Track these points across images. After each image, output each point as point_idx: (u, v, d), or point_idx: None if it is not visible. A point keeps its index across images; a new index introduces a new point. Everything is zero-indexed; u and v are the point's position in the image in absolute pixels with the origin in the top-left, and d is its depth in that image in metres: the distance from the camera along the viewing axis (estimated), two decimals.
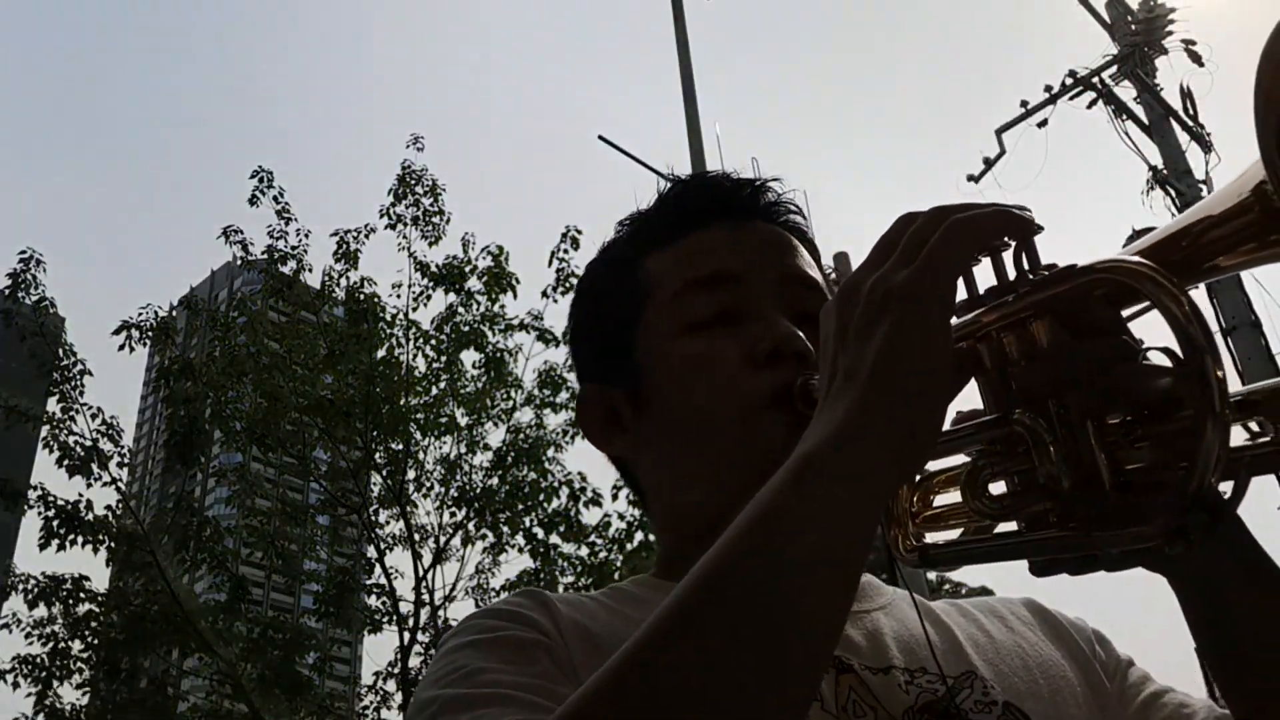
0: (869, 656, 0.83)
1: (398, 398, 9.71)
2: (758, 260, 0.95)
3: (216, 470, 10.70)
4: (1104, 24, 11.51)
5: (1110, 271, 0.59)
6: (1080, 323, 0.63)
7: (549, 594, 0.87)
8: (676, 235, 0.98)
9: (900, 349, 0.60)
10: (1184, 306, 0.55)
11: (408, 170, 10.42)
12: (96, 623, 9.24)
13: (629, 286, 0.99)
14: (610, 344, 0.99)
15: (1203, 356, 0.54)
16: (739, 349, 0.89)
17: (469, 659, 0.76)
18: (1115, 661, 0.93)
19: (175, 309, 10.54)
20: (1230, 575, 0.72)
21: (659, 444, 0.96)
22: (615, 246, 1.05)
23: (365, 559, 10.11)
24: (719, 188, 1.01)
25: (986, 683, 0.83)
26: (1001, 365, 0.64)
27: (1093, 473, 0.59)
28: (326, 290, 10.14)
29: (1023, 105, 11.80)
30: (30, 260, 9.50)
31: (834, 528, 0.58)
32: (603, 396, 1.00)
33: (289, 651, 9.34)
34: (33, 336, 9.26)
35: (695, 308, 0.93)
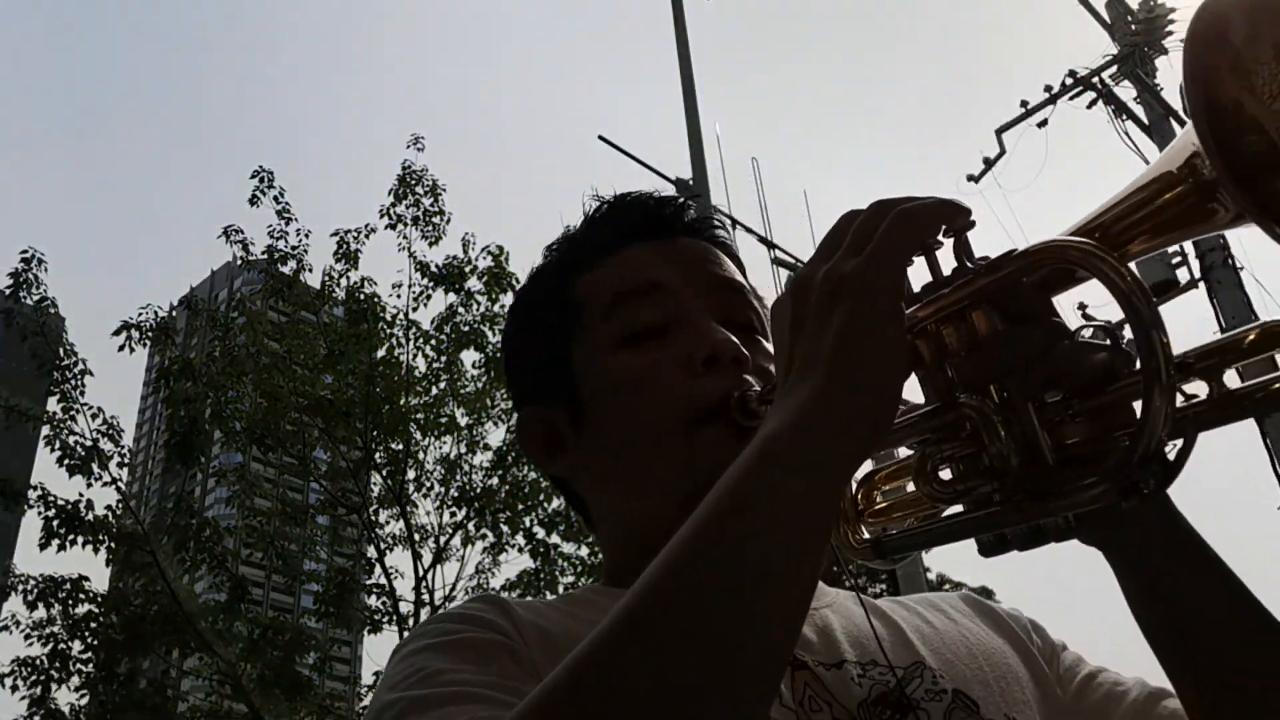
0: (821, 652, 0.84)
1: (398, 398, 9.71)
2: (685, 270, 0.97)
3: (216, 470, 10.70)
4: (1104, 24, 11.52)
5: (1053, 252, 0.61)
6: (1013, 310, 0.66)
7: (506, 598, 0.88)
8: (604, 254, 1.00)
9: (856, 336, 0.61)
10: (1127, 280, 0.57)
11: (408, 170, 10.43)
12: (96, 623, 9.24)
13: (560, 307, 1.00)
14: (546, 365, 1.00)
15: (1149, 326, 0.56)
16: (675, 358, 0.91)
17: (429, 661, 0.76)
18: (1051, 647, 0.96)
19: (175, 309, 10.54)
20: (1161, 549, 0.76)
21: (601, 460, 0.96)
22: (545, 270, 1.07)
23: (365, 559, 10.11)
24: (643, 207, 1.03)
25: (935, 672, 0.85)
26: (940, 357, 0.66)
27: (1038, 449, 0.62)
28: (326, 290, 10.14)
29: (1023, 105, 11.82)
30: (32, 260, 9.51)
31: (796, 516, 0.59)
32: (542, 417, 1.01)
33: (289, 651, 9.34)
34: (33, 336, 9.26)
35: (627, 321, 0.94)
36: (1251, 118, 0.61)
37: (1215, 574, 0.76)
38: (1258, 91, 0.61)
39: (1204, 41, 0.60)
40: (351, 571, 10.05)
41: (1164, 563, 0.76)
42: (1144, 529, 0.75)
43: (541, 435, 1.01)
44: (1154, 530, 0.76)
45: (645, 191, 1.05)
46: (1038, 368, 0.63)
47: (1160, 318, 0.56)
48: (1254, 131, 0.61)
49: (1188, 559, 0.76)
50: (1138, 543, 0.76)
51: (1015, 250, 0.63)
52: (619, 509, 0.97)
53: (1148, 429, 0.56)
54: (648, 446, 0.91)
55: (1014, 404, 0.63)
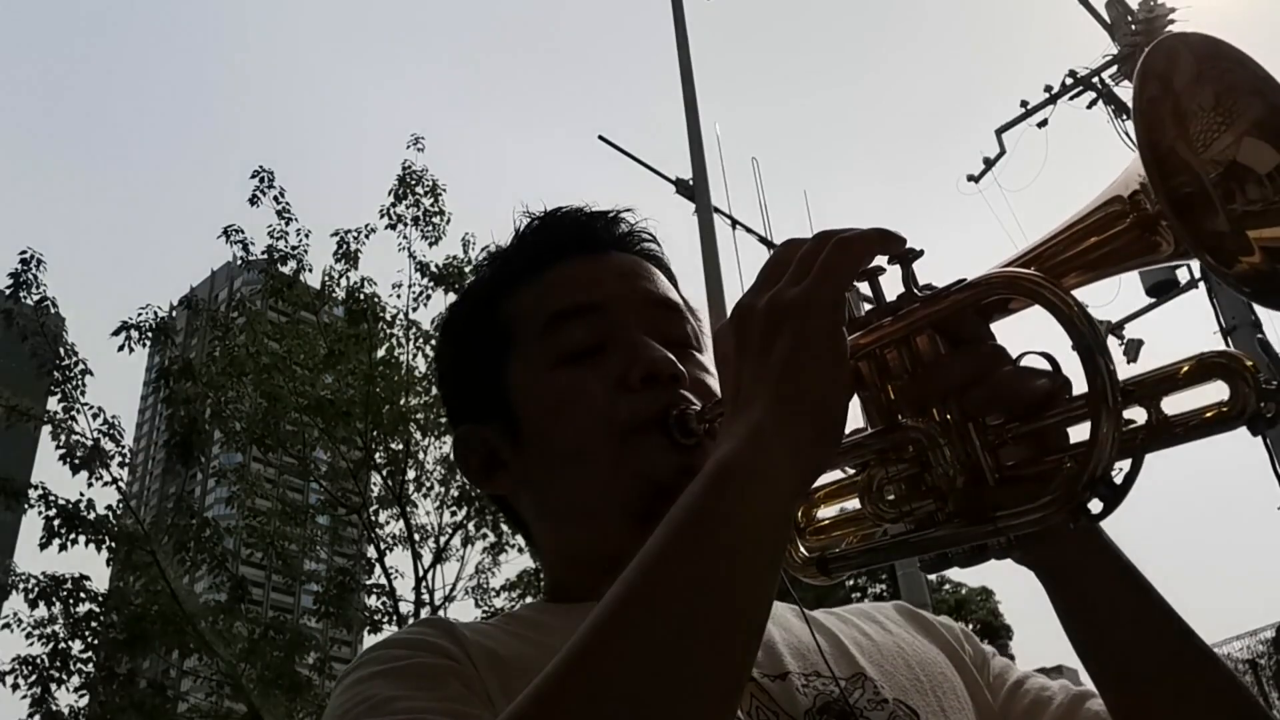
0: (765, 665, 0.86)
1: (398, 398, 9.72)
2: (619, 288, 0.98)
3: (216, 470, 10.70)
4: (1104, 24, 11.52)
5: (999, 281, 0.64)
6: (954, 335, 0.69)
7: (453, 621, 0.89)
8: (536, 270, 1.00)
9: (801, 357, 0.63)
10: (1073, 308, 0.60)
11: (408, 170, 10.43)
12: (97, 622, 9.23)
13: (495, 325, 1.00)
14: (481, 383, 1.00)
15: (1094, 353, 0.59)
16: (610, 376, 0.91)
17: (378, 689, 0.75)
18: (981, 655, 0.99)
19: (175, 309, 10.53)
20: (1092, 571, 0.79)
21: (540, 478, 0.97)
22: (478, 287, 1.07)
23: (365, 559, 10.11)
24: (574, 222, 1.03)
25: (875, 683, 0.87)
26: (883, 380, 0.69)
27: (979, 470, 0.64)
28: (326, 290, 10.14)
29: (1023, 105, 11.83)
30: (31, 260, 9.50)
31: (755, 535, 0.61)
32: (480, 436, 1.01)
33: (289, 651, 9.33)
34: (34, 336, 9.26)
35: (562, 340, 0.94)
36: (1183, 161, 0.64)
37: (1140, 594, 0.80)
38: (1191, 138, 0.65)
39: (1152, 79, 0.64)
40: (351, 571, 10.05)
41: (1093, 584, 0.80)
42: (1076, 552, 0.79)
43: (479, 455, 1.01)
44: (1085, 553, 0.79)
45: (575, 207, 1.05)
46: (978, 391, 0.66)
47: (1105, 344, 0.59)
48: (1184, 174, 0.64)
49: (1116, 581, 0.80)
50: (1069, 565, 0.79)
51: (963, 280, 0.66)
52: (556, 526, 0.98)
53: (1096, 451, 0.59)
54: (584, 463, 0.91)
55: (956, 426, 0.65)
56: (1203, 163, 0.65)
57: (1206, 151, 0.66)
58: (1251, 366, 0.62)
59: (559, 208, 1.05)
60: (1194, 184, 0.64)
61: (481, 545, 9.94)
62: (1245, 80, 0.67)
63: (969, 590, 19.02)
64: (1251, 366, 0.62)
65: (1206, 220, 0.64)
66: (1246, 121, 0.66)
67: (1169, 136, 0.65)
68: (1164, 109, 0.65)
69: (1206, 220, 0.64)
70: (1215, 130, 0.66)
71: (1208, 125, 0.66)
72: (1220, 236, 0.65)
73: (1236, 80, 0.67)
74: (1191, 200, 0.64)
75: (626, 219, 1.04)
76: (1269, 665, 11.62)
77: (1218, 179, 0.65)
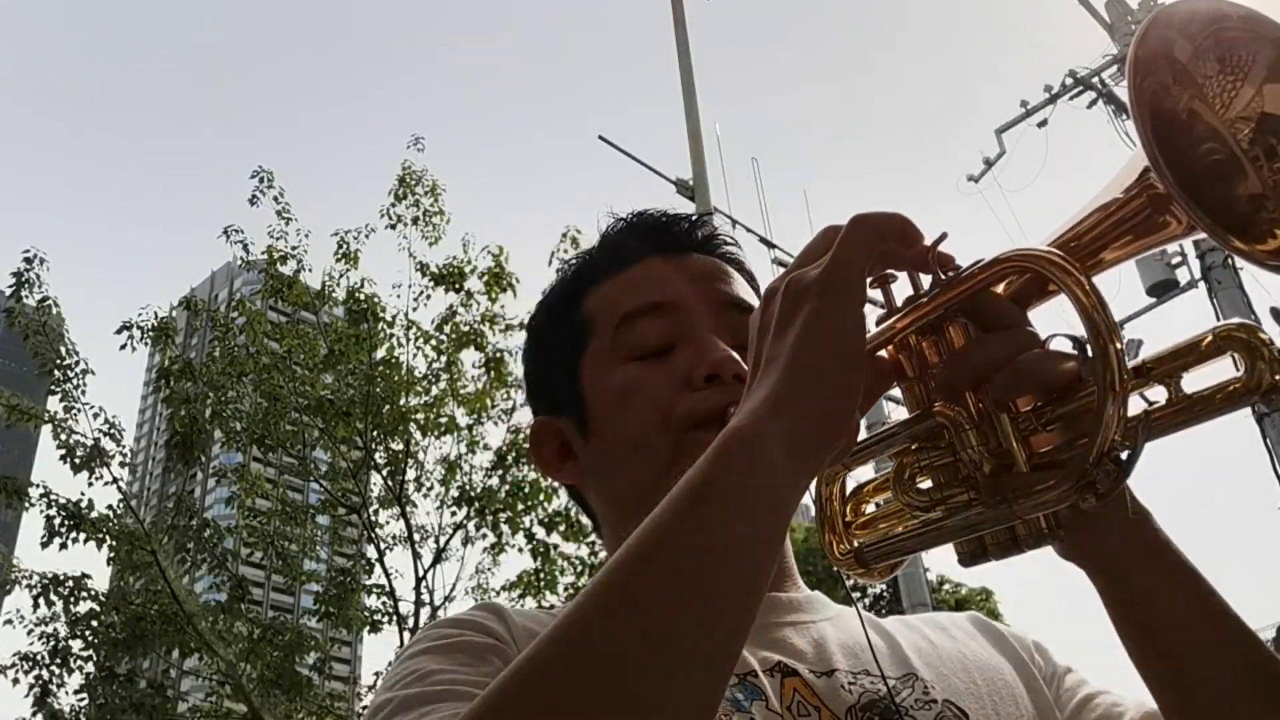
0: (814, 661, 0.87)
1: (398, 398, 9.71)
2: (692, 289, 0.99)
3: (216, 470, 10.69)
4: (1104, 24, 11.53)
5: (1020, 260, 0.64)
6: (988, 320, 0.69)
7: (505, 606, 0.92)
8: (617, 268, 1.03)
9: (816, 334, 0.64)
10: (1088, 291, 0.60)
11: (408, 171, 10.42)
12: (97, 622, 9.23)
13: (572, 322, 1.04)
14: (558, 378, 1.04)
15: (1106, 337, 0.59)
16: (676, 373, 0.93)
17: (423, 663, 0.79)
18: (1054, 668, 0.97)
19: (175, 309, 10.53)
20: (1140, 564, 0.78)
21: (604, 469, 1.01)
22: (560, 287, 1.10)
23: (365, 559, 10.09)
24: (655, 224, 1.06)
25: (926, 683, 0.87)
26: (920, 367, 0.70)
27: (1010, 456, 0.64)
28: (326, 290, 10.14)
29: (1023, 105, 11.83)
30: (34, 259, 9.50)
31: (757, 496, 0.61)
32: (554, 428, 1.05)
33: (289, 651, 9.33)
34: (35, 336, 9.25)
35: (633, 337, 0.98)
36: (1209, 127, 0.63)
37: (1193, 588, 0.78)
38: (1210, 101, 0.63)
39: (1148, 62, 0.62)
40: (351, 571, 10.04)
41: (1143, 578, 0.78)
42: (1123, 545, 0.78)
43: (553, 444, 1.05)
44: (1132, 545, 0.78)
45: (660, 209, 1.08)
46: (1006, 375, 0.66)
47: (1116, 327, 0.59)
48: (1210, 139, 0.63)
49: (1166, 573, 0.78)
50: (1116, 560, 0.78)
51: (982, 259, 0.66)
52: (618, 516, 1.00)
53: (1101, 431, 0.58)
54: (643, 453, 0.93)
55: (987, 412, 0.65)
56: (1226, 125, 0.63)
57: (1228, 111, 0.63)
58: (1267, 340, 0.62)
59: (644, 210, 1.08)
60: (1221, 150, 0.63)
61: (481, 545, 9.92)
62: (1245, 31, 0.64)
63: (969, 590, 19.00)
64: (1267, 340, 0.62)
65: (1231, 190, 0.63)
66: (1263, 69, 0.64)
67: (1179, 107, 0.63)
68: (1167, 83, 0.63)
69: (1231, 190, 0.63)
70: (1232, 88, 0.64)
71: (1222, 86, 0.64)
72: (1249, 207, 0.63)
73: (1235, 35, 0.64)
74: (1216, 170, 0.63)
75: (709, 223, 1.07)
76: None
77: (1251, 140, 0.63)
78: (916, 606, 8.33)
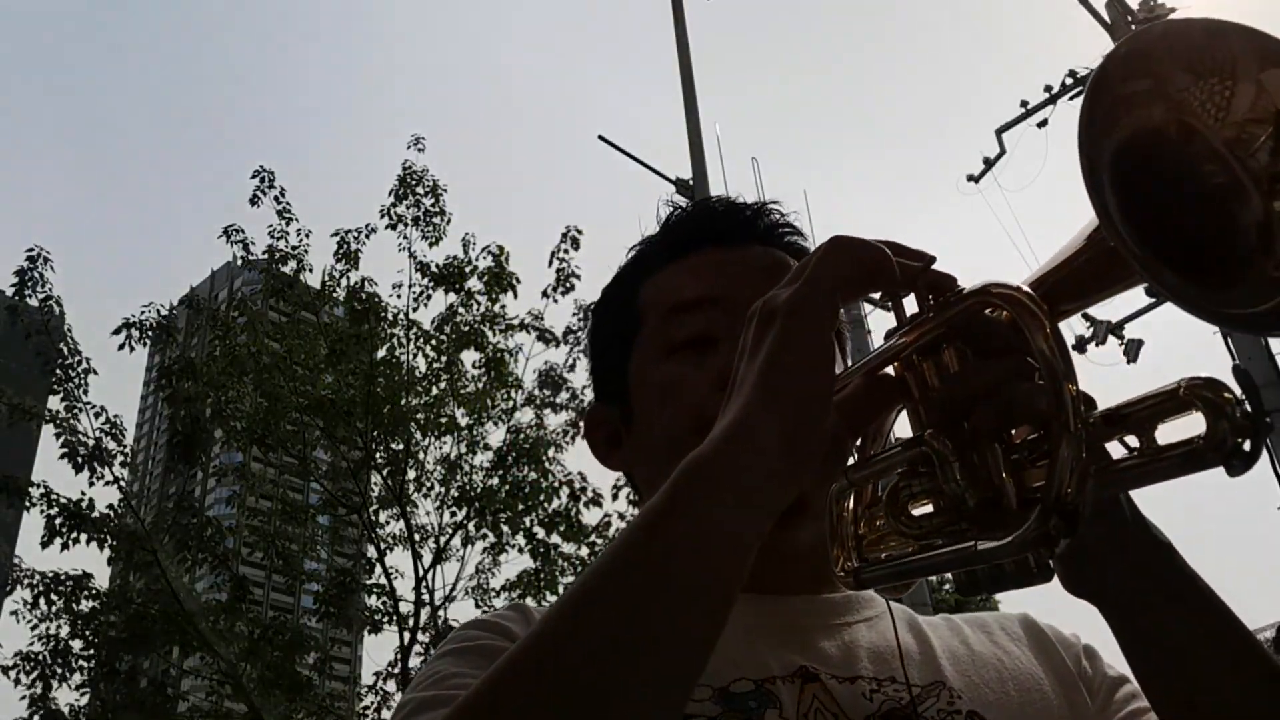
0: (838, 667, 0.84)
1: (398, 398, 9.71)
2: (745, 282, 0.94)
3: (217, 470, 10.70)
4: (1104, 24, 11.52)
5: (985, 294, 0.63)
6: (983, 344, 0.66)
7: (531, 607, 0.92)
8: (673, 257, 1.01)
9: (780, 358, 0.63)
10: (1045, 329, 0.58)
11: (408, 170, 10.43)
12: (98, 621, 9.24)
13: (627, 311, 1.03)
14: (611, 364, 1.04)
15: (1057, 377, 0.57)
16: (713, 373, 0.91)
17: (445, 666, 0.81)
18: (1102, 677, 0.92)
19: (175, 309, 10.54)
20: (1160, 600, 0.74)
21: (641, 464, 1.01)
22: (621, 271, 1.09)
23: (365, 559, 10.10)
24: (714, 212, 1.04)
25: (954, 692, 0.84)
26: (920, 388, 0.68)
27: (997, 492, 0.62)
28: (327, 290, 10.14)
29: (1023, 105, 11.82)
30: (37, 258, 9.50)
31: (718, 525, 0.60)
32: (604, 415, 1.05)
33: (289, 652, 9.33)
34: (38, 335, 9.25)
35: (676, 331, 0.96)
36: (1203, 148, 0.59)
37: (1219, 630, 0.74)
38: (1199, 114, 0.58)
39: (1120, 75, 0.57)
40: (351, 571, 10.04)
41: (1162, 615, 0.74)
42: (1136, 583, 0.74)
43: (603, 432, 1.05)
44: (1148, 584, 0.74)
45: (721, 197, 1.07)
46: (995, 404, 0.63)
47: (1073, 368, 0.57)
48: (1210, 161, 0.59)
49: (1188, 614, 0.74)
50: (1129, 596, 0.74)
51: (961, 290, 0.65)
52: None
53: (1055, 477, 0.57)
54: (673, 452, 0.89)
55: (976, 439, 0.63)
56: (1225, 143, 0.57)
57: (1229, 115, 0.58)
58: (1230, 397, 0.57)
59: (707, 198, 1.06)
60: (1223, 173, 0.58)
61: (481, 545, 9.93)
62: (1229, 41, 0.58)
63: None
64: (1230, 397, 0.57)
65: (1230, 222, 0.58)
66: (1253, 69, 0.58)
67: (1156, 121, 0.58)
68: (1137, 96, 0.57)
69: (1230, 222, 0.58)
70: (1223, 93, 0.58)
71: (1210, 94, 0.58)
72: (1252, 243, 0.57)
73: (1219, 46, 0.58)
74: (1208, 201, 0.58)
75: (774, 211, 1.03)
76: None
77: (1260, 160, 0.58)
78: (918, 606, 8.30)
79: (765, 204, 1.04)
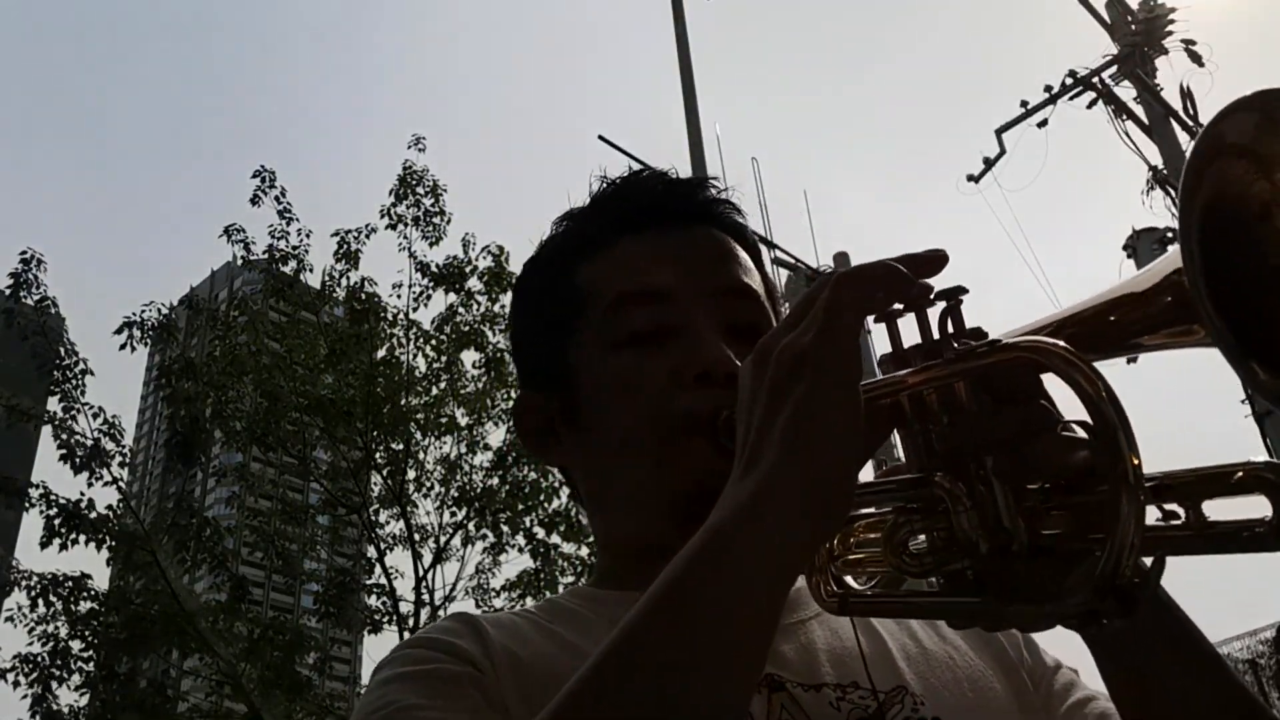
0: (801, 673, 0.83)
1: (398, 398, 9.71)
2: (691, 271, 0.93)
3: (217, 470, 10.69)
4: (1104, 24, 11.51)
5: (1028, 351, 0.59)
6: (1002, 388, 0.64)
7: (481, 618, 0.88)
8: (611, 241, 0.96)
9: (809, 416, 0.60)
10: (1097, 386, 0.55)
11: (408, 170, 10.43)
12: (97, 622, 9.23)
13: (563, 295, 0.97)
14: (546, 354, 0.98)
15: (1115, 433, 0.54)
16: (667, 368, 0.88)
17: (400, 693, 0.77)
18: (1043, 667, 0.93)
19: (175, 308, 10.54)
20: (1148, 642, 0.73)
21: (588, 461, 0.97)
22: (550, 249, 1.03)
23: (365, 559, 10.10)
24: (653, 190, 0.99)
25: (916, 698, 0.83)
26: (924, 423, 0.65)
27: (1009, 538, 0.60)
28: (327, 290, 10.14)
29: (1023, 105, 11.81)
30: (31, 260, 9.50)
31: (741, 601, 0.59)
32: (540, 406, 1.00)
33: (289, 651, 9.32)
34: (34, 336, 9.25)
35: (626, 323, 0.91)
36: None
37: (1205, 668, 0.74)
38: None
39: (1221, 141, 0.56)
40: (351, 571, 10.05)
41: (1150, 657, 0.73)
42: (1133, 637, 0.73)
43: (538, 424, 1.00)
44: (1145, 638, 0.73)
45: (655, 172, 1.01)
46: (1014, 453, 0.61)
47: (1130, 426, 0.54)
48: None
49: (1177, 653, 0.74)
50: (1122, 643, 0.73)
51: (997, 341, 0.61)
52: (602, 511, 0.98)
53: (1115, 544, 0.53)
54: (629, 453, 0.89)
55: (990, 484, 0.61)
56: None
57: None
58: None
59: (640, 170, 1.01)
60: None
61: (481, 545, 9.93)
62: None
63: None
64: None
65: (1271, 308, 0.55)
66: None
67: (1245, 194, 0.56)
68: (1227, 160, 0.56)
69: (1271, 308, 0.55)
70: None
71: None
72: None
73: None
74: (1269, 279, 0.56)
75: (712, 186, 0.99)
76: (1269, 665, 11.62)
77: None
78: None
79: (704, 180, 1.00)
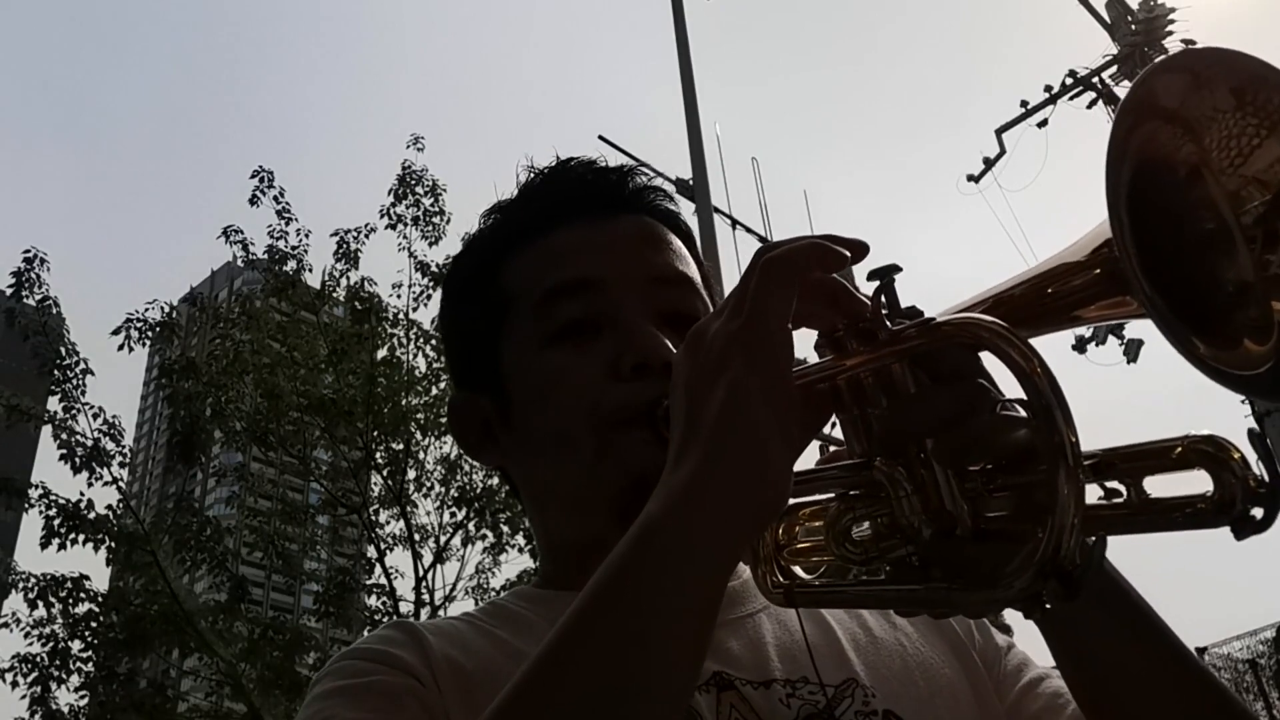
0: (750, 670, 0.82)
1: (398, 397, 9.71)
2: (622, 261, 0.90)
3: (217, 470, 10.69)
4: (1104, 24, 11.53)
5: (961, 328, 0.58)
6: (940, 368, 0.63)
7: (421, 626, 0.86)
8: (538, 233, 0.94)
9: (738, 406, 0.59)
10: (1032, 362, 0.54)
11: (408, 170, 10.43)
12: (96, 622, 9.23)
13: (491, 291, 0.95)
14: (476, 352, 0.96)
15: (1051, 410, 0.53)
16: (601, 361, 0.86)
17: (337, 708, 0.76)
18: (994, 649, 0.92)
19: (175, 308, 10.53)
20: (1096, 618, 0.72)
21: (525, 461, 0.94)
22: (478, 243, 1.01)
23: (365, 559, 10.10)
24: (581, 179, 0.96)
25: (867, 691, 0.82)
26: (861, 406, 0.64)
27: (952, 522, 0.59)
28: (327, 290, 10.14)
29: (1023, 105, 11.84)
30: (34, 259, 9.49)
31: (677, 593, 0.59)
32: (475, 407, 0.97)
33: (289, 651, 9.32)
34: (35, 336, 9.25)
35: (556, 317, 0.89)
36: (1205, 194, 0.56)
37: (1153, 641, 0.74)
38: (1215, 162, 0.56)
39: (1146, 103, 0.55)
40: (351, 571, 10.04)
41: (1098, 634, 0.73)
42: (1084, 613, 0.72)
43: (474, 425, 0.97)
44: (1096, 615, 0.72)
45: (583, 161, 0.98)
46: (953, 434, 0.59)
47: (1066, 403, 0.53)
48: (1205, 208, 0.56)
49: (1125, 627, 0.73)
50: (1070, 614, 0.71)
51: (931, 320, 0.60)
52: (540, 509, 0.96)
53: (1055, 525, 0.52)
54: (565, 449, 0.87)
55: (931, 467, 0.59)
56: (1229, 194, 0.56)
57: (1245, 166, 0.56)
58: (1239, 459, 0.55)
59: (566, 160, 0.98)
60: (1214, 221, 0.56)
61: (481, 545, 9.93)
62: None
63: None
64: (1239, 459, 0.55)
65: (1211, 272, 0.56)
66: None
67: (1171, 158, 0.55)
68: (1160, 131, 0.55)
69: (1211, 272, 0.56)
70: (1249, 149, 0.56)
71: (1236, 134, 0.55)
72: (1229, 300, 0.56)
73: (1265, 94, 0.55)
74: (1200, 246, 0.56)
75: (640, 174, 0.97)
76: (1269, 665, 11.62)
77: (1257, 216, 0.56)
78: None
79: (630, 169, 0.97)
